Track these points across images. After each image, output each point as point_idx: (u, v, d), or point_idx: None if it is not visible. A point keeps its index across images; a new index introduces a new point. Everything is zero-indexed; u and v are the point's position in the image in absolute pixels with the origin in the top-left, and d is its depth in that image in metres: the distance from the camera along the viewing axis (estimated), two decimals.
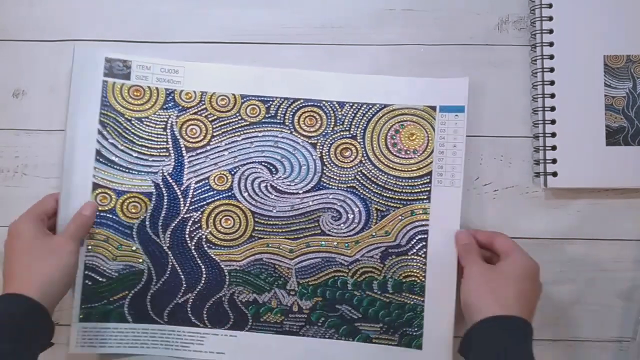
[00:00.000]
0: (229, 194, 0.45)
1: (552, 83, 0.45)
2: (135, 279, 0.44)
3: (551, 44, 0.45)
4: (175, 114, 0.45)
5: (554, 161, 0.45)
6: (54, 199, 0.43)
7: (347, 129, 0.45)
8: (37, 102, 0.47)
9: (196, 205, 0.45)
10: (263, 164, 0.45)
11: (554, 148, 0.45)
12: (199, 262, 0.45)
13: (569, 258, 0.46)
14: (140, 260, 0.44)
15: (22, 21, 0.48)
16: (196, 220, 0.45)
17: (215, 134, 0.45)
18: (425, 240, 0.42)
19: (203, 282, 0.45)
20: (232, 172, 0.45)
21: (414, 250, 0.43)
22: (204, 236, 0.45)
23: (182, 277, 0.45)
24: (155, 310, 0.45)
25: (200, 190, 0.45)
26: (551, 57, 0.45)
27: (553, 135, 0.45)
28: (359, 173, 0.44)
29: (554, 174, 0.45)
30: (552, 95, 0.45)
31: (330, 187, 0.45)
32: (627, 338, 0.47)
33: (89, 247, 0.44)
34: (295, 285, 0.44)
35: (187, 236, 0.45)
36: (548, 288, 0.43)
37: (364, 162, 0.44)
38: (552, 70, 0.45)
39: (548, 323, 0.42)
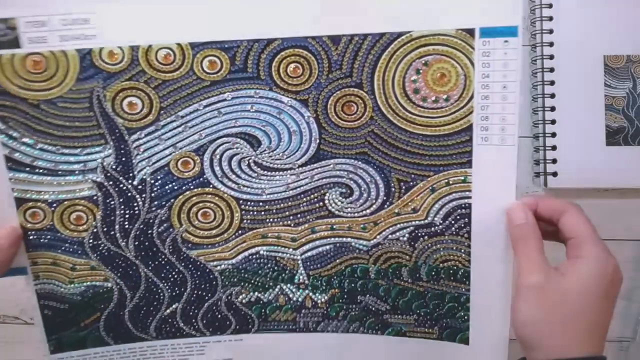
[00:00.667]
0: (200, 180, 0.40)
1: (552, 83, 0.51)
2: (104, 300, 0.44)
3: (551, 44, 0.51)
4: (101, 84, 0.38)
5: (554, 161, 0.51)
6: None
7: (347, 74, 0.38)
8: None
9: (159, 202, 0.41)
10: (239, 136, 0.39)
11: (554, 148, 0.51)
12: (179, 267, 0.42)
13: None
14: (105, 278, 0.41)
15: None
16: (163, 218, 0.41)
17: (164, 104, 0.38)
18: (468, 217, 0.39)
19: (190, 289, 0.43)
20: (200, 153, 0.40)
21: (453, 230, 0.40)
22: (178, 236, 0.41)
23: (162, 287, 0.43)
24: (138, 327, 0.44)
25: (160, 182, 0.40)
26: (551, 57, 0.51)
27: (553, 135, 0.51)
28: (370, 134, 0.39)
29: (554, 174, 0.51)
30: (552, 95, 0.51)
31: (334, 155, 0.40)
32: (627, 338, 0.54)
33: (36, 274, 0.42)
34: (305, 277, 0.42)
35: (156, 239, 0.42)
36: None
37: (375, 118, 0.39)
38: (552, 70, 0.51)
39: None
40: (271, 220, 0.42)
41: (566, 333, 0.34)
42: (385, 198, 0.41)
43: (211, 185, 0.41)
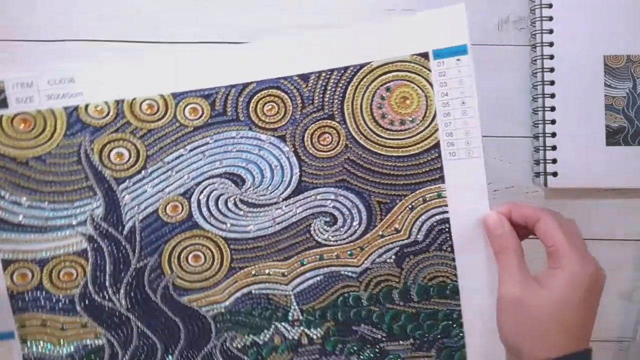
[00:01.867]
0: (190, 223, 0.41)
1: (552, 83, 0.52)
2: (95, 358, 0.39)
3: (551, 44, 0.52)
4: (87, 138, 0.39)
5: (554, 161, 0.52)
6: None
7: (319, 107, 0.41)
8: None
9: (149, 249, 0.41)
10: (224, 176, 0.40)
11: (554, 148, 0.51)
12: (171, 315, 0.42)
13: None
14: (96, 335, 0.40)
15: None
16: (154, 267, 0.41)
17: (150, 152, 0.40)
18: (448, 231, 0.40)
19: (183, 338, 0.42)
20: (187, 196, 0.41)
21: (436, 245, 0.41)
22: (169, 283, 0.41)
23: (155, 339, 0.42)
24: None
25: (150, 229, 0.41)
26: (551, 57, 0.52)
27: (553, 135, 0.52)
28: (347, 161, 0.41)
29: (554, 174, 0.52)
30: (552, 95, 0.52)
31: (315, 186, 0.42)
32: (627, 338, 0.54)
33: (24, 338, 0.41)
34: (299, 313, 0.42)
35: (147, 288, 0.42)
36: None
37: (349, 146, 0.41)
38: (552, 70, 0.52)
39: None
40: (260, 257, 0.42)
41: (545, 340, 0.35)
42: (368, 222, 0.42)
43: (200, 227, 0.42)
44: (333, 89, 0.41)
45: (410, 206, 0.42)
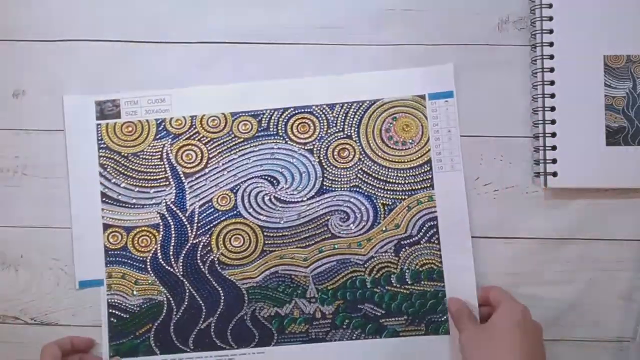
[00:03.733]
0: (234, 212, 0.53)
1: (552, 83, 0.53)
2: (156, 311, 0.53)
3: (551, 44, 0.53)
4: (169, 142, 0.53)
5: (554, 161, 0.53)
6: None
7: (340, 129, 0.53)
8: (36, 102, 0.57)
9: (203, 229, 0.53)
10: (263, 177, 0.53)
11: (554, 148, 0.53)
12: (215, 285, 0.53)
13: (569, 258, 0.55)
14: (158, 292, 0.53)
15: (22, 21, 0.57)
16: (205, 244, 0.53)
17: (211, 155, 0.53)
18: (436, 227, 0.51)
19: (222, 304, 0.53)
20: (234, 190, 0.53)
21: (426, 238, 0.51)
22: (215, 258, 0.53)
23: (201, 302, 0.53)
24: (180, 339, 0.54)
25: (205, 214, 0.53)
26: (551, 57, 0.53)
27: (553, 135, 0.53)
28: (360, 171, 0.53)
29: (554, 174, 0.53)
30: (552, 95, 0.53)
31: (333, 189, 0.53)
32: (627, 338, 0.55)
33: (110, 286, 0.53)
34: (315, 292, 0.53)
35: (199, 261, 0.54)
36: (548, 288, 0.55)
37: (362, 159, 0.53)
38: (552, 70, 0.53)
39: (548, 323, 0.52)
40: (287, 243, 0.55)
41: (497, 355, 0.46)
42: (374, 219, 0.55)
43: (241, 216, 0.56)
44: (353, 116, 0.55)
45: (408, 207, 0.54)
